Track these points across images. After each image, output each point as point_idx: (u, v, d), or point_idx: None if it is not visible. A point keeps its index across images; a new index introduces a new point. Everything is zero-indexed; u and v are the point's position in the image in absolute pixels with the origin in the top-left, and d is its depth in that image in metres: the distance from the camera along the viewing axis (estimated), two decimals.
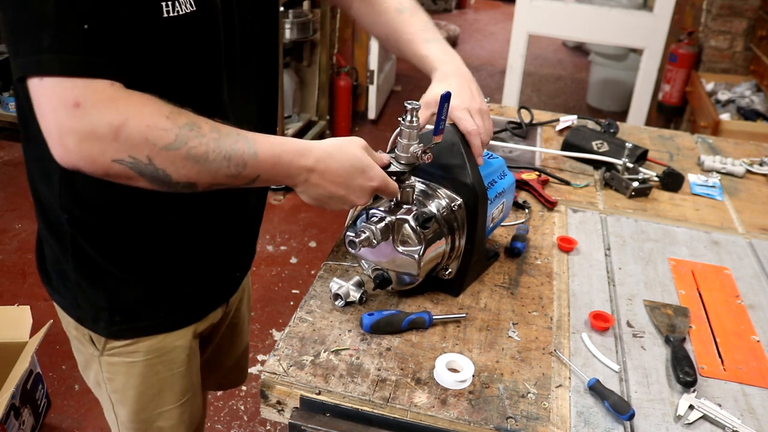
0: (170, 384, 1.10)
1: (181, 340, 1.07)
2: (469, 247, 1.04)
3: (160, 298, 1.03)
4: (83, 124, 0.72)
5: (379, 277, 1.02)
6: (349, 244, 0.95)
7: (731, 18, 3.57)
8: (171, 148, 0.76)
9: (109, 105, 0.73)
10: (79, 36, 0.72)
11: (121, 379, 1.07)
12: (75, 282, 0.99)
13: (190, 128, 0.77)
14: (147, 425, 1.12)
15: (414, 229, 0.96)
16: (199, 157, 0.78)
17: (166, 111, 0.77)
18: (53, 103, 0.72)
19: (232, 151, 0.80)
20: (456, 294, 1.09)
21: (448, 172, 1.03)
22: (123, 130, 0.73)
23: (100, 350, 1.04)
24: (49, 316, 2.36)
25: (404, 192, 0.97)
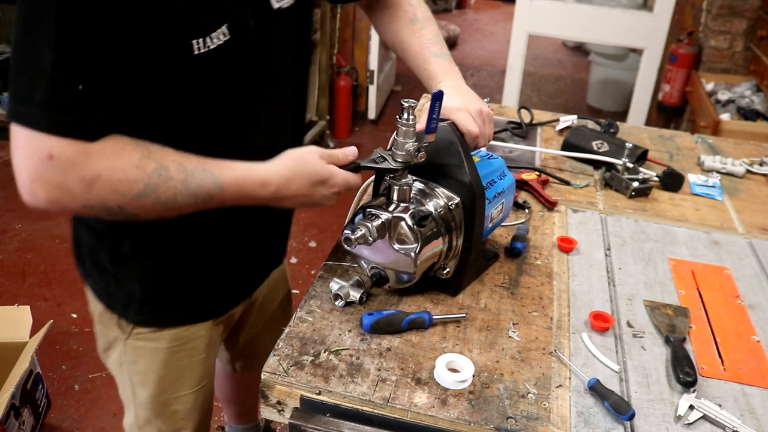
0: (190, 370, 1.16)
1: (203, 330, 1.14)
2: (467, 246, 1.04)
3: (188, 292, 1.09)
4: (55, 176, 0.76)
5: (376, 276, 1.02)
6: (345, 241, 0.95)
7: (731, 18, 3.56)
8: (141, 197, 0.80)
9: (83, 160, 0.76)
10: (70, 96, 0.74)
11: (145, 362, 1.12)
12: (110, 272, 1.04)
13: (158, 174, 0.80)
14: (164, 407, 1.18)
15: (410, 227, 0.96)
16: (168, 201, 0.82)
17: (135, 160, 0.79)
18: (28, 150, 0.75)
19: (198, 189, 0.84)
20: (454, 293, 1.09)
21: (445, 171, 1.03)
22: (95, 185, 0.77)
23: (126, 334, 1.10)
24: (49, 316, 2.37)
25: (401, 190, 0.97)
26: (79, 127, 0.75)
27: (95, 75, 0.74)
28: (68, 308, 2.52)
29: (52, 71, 0.72)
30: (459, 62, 1.19)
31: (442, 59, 1.15)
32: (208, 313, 1.14)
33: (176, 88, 0.85)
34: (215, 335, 1.19)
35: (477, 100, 1.09)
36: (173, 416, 1.19)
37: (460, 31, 6.77)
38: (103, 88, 0.76)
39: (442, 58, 1.15)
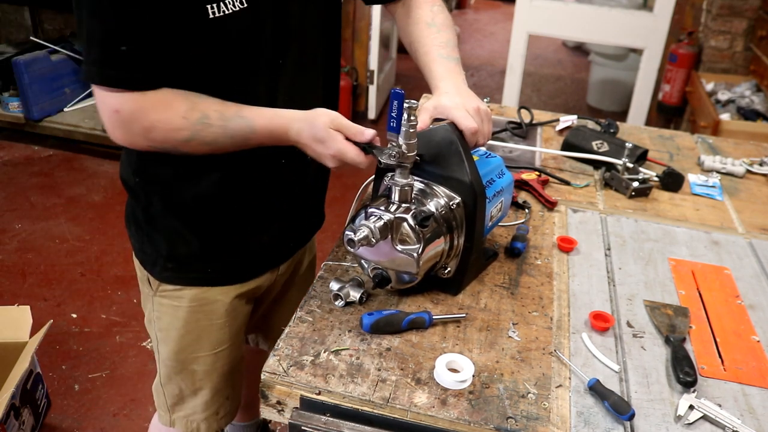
0: (208, 333, 1.22)
1: (223, 296, 1.20)
2: (468, 245, 1.04)
3: (210, 254, 1.17)
4: (122, 126, 0.96)
5: (378, 276, 1.02)
6: (348, 242, 0.95)
7: (731, 18, 3.56)
8: (188, 141, 0.97)
9: (140, 114, 0.94)
10: (116, 56, 0.90)
11: (167, 319, 1.21)
12: (144, 229, 1.17)
13: (201, 123, 0.96)
14: (183, 365, 1.25)
15: (413, 227, 0.96)
16: (211, 142, 0.98)
17: (182, 111, 0.95)
18: (102, 106, 0.94)
19: (235, 132, 0.98)
20: (455, 293, 1.09)
21: (446, 170, 1.03)
22: (152, 132, 0.96)
23: (153, 291, 1.21)
24: (49, 316, 2.37)
25: (402, 190, 0.97)
26: (127, 80, 0.91)
27: (132, 37, 0.89)
28: (68, 308, 2.52)
29: (101, 36, 0.89)
30: None
31: (448, 61, 1.16)
32: (227, 278, 1.20)
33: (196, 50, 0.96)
34: (239, 305, 1.24)
35: (475, 99, 1.09)
36: (192, 375, 1.25)
37: (460, 31, 6.77)
38: (140, 48, 0.91)
39: (449, 60, 1.17)
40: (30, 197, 3.22)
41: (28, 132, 3.75)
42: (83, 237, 2.97)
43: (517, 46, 3.90)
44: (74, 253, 2.85)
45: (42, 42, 3.74)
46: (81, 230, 3.02)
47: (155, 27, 0.90)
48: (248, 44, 1.00)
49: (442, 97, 1.08)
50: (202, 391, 1.28)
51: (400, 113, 0.92)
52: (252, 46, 1.01)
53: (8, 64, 3.49)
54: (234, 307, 1.23)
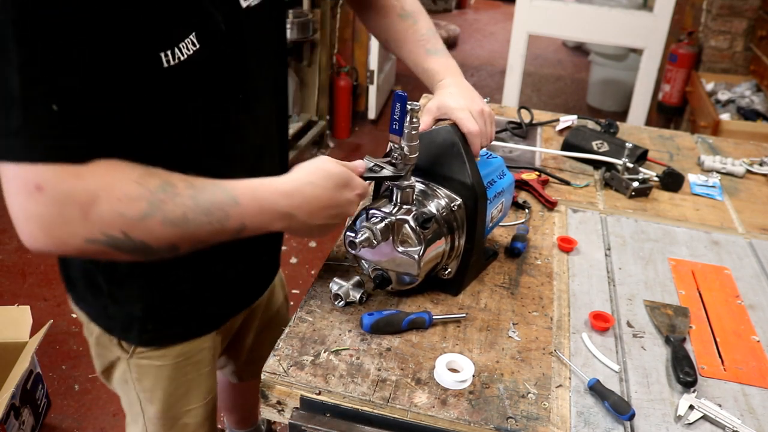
0: (197, 384, 1.14)
1: (208, 342, 1.12)
2: (469, 246, 1.04)
3: (190, 307, 1.06)
4: (47, 208, 0.68)
5: (379, 277, 1.02)
6: (350, 244, 0.95)
7: (731, 18, 3.57)
8: (146, 217, 0.71)
9: (75, 182, 0.68)
10: (46, 118, 0.66)
11: (151, 380, 1.09)
12: (107, 292, 0.99)
13: (163, 190, 0.72)
14: (174, 422, 1.16)
15: (414, 229, 0.96)
16: (178, 220, 0.73)
17: (134, 176, 0.72)
18: (14, 188, 0.68)
19: (211, 205, 0.75)
20: (456, 293, 1.09)
21: (447, 171, 1.03)
22: (93, 208, 0.69)
23: (129, 354, 1.06)
24: (49, 316, 2.37)
25: (404, 192, 0.97)
26: (62, 149, 0.68)
27: (67, 93, 0.67)
28: (68, 308, 2.51)
29: (22, 95, 0.65)
30: (459, 62, 1.18)
31: (439, 56, 1.13)
32: (211, 325, 1.12)
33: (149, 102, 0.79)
34: (219, 344, 1.18)
35: (478, 100, 1.09)
36: (184, 429, 1.18)
37: (460, 31, 6.77)
38: (78, 106, 0.69)
39: (439, 54, 1.13)
40: None
41: None
42: None
43: (517, 46, 3.90)
44: None
45: None
46: None
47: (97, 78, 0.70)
48: (207, 87, 0.85)
49: (446, 98, 1.06)
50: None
51: (403, 115, 0.92)
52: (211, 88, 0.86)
53: None
54: (216, 350, 1.17)
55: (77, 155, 0.69)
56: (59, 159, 0.68)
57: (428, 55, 1.13)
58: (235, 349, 1.35)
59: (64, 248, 0.72)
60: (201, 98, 0.85)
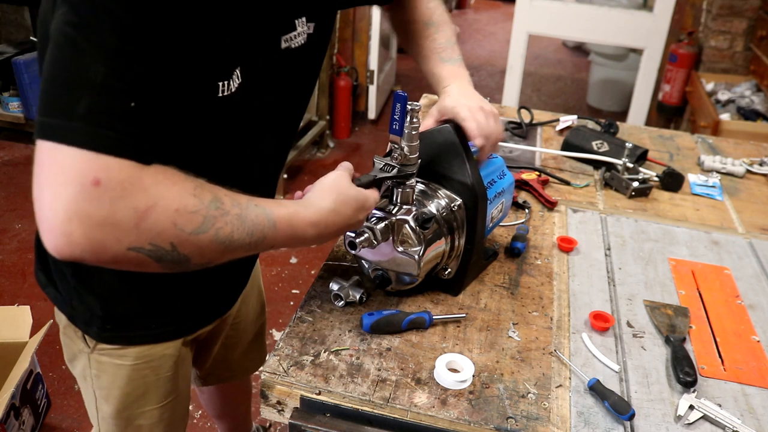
0: (155, 387, 1.11)
1: (170, 349, 1.09)
2: (469, 247, 1.04)
3: (152, 312, 1.04)
4: (100, 207, 0.61)
5: (379, 277, 1.02)
6: (349, 244, 0.95)
7: (731, 18, 3.56)
8: (199, 233, 0.69)
9: (136, 185, 0.63)
10: (120, 111, 0.63)
11: (108, 378, 1.08)
12: (72, 285, 0.99)
13: (215, 207, 0.70)
14: (127, 422, 1.14)
15: (414, 229, 0.96)
16: (225, 238, 0.72)
17: (191, 187, 0.69)
18: (66, 176, 0.60)
19: (254, 227, 0.75)
20: (456, 293, 1.09)
21: (447, 172, 1.03)
22: (149, 216, 0.64)
23: (90, 349, 1.05)
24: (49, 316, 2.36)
25: (404, 192, 0.97)
26: (132, 146, 0.64)
27: (146, 95, 0.65)
28: None
29: (103, 82, 0.62)
30: None
31: (451, 64, 1.15)
32: (173, 333, 1.09)
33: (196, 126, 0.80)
34: (185, 353, 1.15)
35: (478, 99, 1.09)
36: (138, 429, 1.16)
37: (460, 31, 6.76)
38: (151, 110, 0.67)
39: (451, 62, 1.15)
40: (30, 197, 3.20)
41: (28, 132, 3.75)
42: None
43: (517, 46, 3.90)
44: None
45: None
46: None
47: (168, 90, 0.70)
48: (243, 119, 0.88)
49: (446, 100, 1.08)
50: None
51: (403, 116, 0.92)
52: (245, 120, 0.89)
53: (8, 64, 3.50)
54: (182, 358, 1.13)
55: (144, 155, 0.65)
56: (126, 153, 0.63)
57: (441, 62, 1.15)
58: (201, 355, 1.32)
59: (101, 256, 0.65)
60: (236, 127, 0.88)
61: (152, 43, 0.66)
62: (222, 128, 0.85)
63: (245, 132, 0.92)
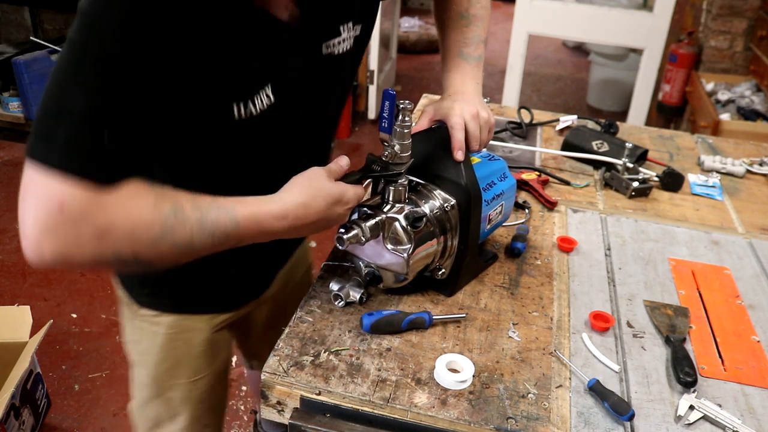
0: (186, 361, 1.17)
1: (201, 324, 1.15)
2: (463, 247, 1.04)
3: (184, 283, 1.10)
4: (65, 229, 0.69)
5: (370, 275, 1.02)
6: (337, 240, 0.95)
7: (731, 18, 3.56)
8: (158, 242, 0.74)
9: (97, 206, 0.70)
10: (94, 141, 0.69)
11: (145, 343, 1.16)
12: None
13: (174, 215, 0.75)
14: (160, 391, 1.20)
15: (404, 228, 0.96)
16: (184, 243, 0.77)
17: (151, 202, 0.74)
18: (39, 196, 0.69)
19: (215, 228, 0.79)
20: (449, 294, 1.09)
21: (441, 172, 1.03)
22: (108, 235, 0.71)
23: (133, 313, 1.14)
24: (49, 316, 2.37)
25: (396, 191, 0.97)
26: (97, 173, 0.70)
27: (125, 126, 0.71)
28: (68, 308, 2.52)
29: (82, 113, 0.68)
30: None
31: (467, 62, 1.14)
32: (204, 308, 1.15)
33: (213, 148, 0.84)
34: (220, 335, 1.19)
35: (476, 104, 1.08)
36: (169, 402, 1.21)
37: None
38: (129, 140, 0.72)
39: (467, 60, 1.15)
40: None
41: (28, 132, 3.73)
42: None
43: (517, 46, 3.90)
44: None
45: (42, 42, 3.74)
46: None
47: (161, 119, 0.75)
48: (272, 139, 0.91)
49: (444, 101, 1.08)
50: (179, 418, 1.23)
51: (392, 114, 0.93)
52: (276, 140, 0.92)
53: (8, 64, 3.50)
54: (215, 337, 1.18)
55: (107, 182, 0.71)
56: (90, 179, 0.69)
57: (458, 58, 1.15)
58: (244, 338, 1.38)
59: (69, 266, 0.72)
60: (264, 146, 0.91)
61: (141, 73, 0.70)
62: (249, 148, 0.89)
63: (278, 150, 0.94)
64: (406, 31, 5.98)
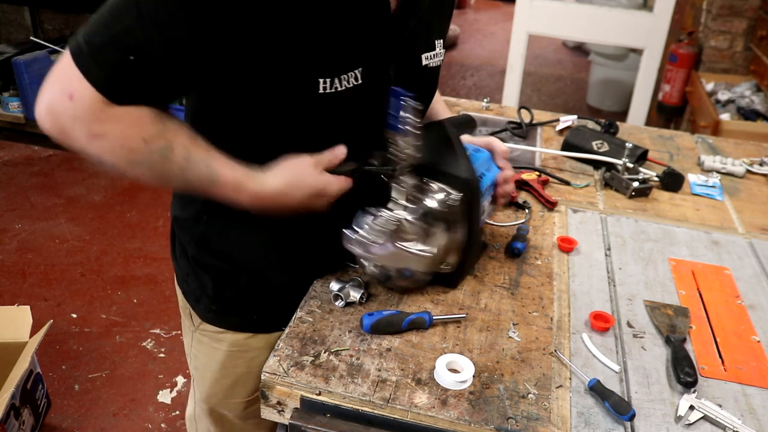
0: (244, 380, 1.15)
1: (264, 343, 1.13)
2: (467, 239, 1.05)
3: (257, 300, 1.10)
4: (65, 117, 0.77)
5: (380, 275, 1.02)
6: (347, 241, 0.95)
7: (731, 18, 3.56)
8: (135, 165, 0.83)
9: (97, 115, 0.77)
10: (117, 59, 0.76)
11: (204, 359, 1.16)
12: (190, 262, 1.10)
13: (160, 154, 0.82)
14: (214, 407, 1.20)
15: (414, 224, 0.96)
16: (160, 177, 0.86)
17: (146, 134, 0.81)
18: (60, 76, 0.77)
19: (194, 179, 0.86)
20: (454, 286, 1.09)
21: (442, 166, 1.03)
22: (96, 141, 0.79)
23: (195, 327, 1.14)
24: (49, 316, 2.37)
25: (402, 188, 0.98)
26: (108, 87, 0.76)
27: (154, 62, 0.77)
28: (68, 308, 2.52)
29: (121, 31, 0.75)
30: (459, 62, 1.22)
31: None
32: (272, 325, 1.12)
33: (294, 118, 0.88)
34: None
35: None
36: (222, 419, 1.21)
37: (460, 31, 6.77)
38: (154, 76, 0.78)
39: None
40: (30, 197, 3.22)
41: (28, 132, 3.75)
42: (83, 237, 2.97)
43: (517, 46, 3.90)
44: (74, 253, 2.85)
45: (42, 42, 3.74)
46: (81, 230, 3.02)
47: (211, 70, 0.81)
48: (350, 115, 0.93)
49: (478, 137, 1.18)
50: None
51: (398, 111, 0.93)
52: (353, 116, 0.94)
53: (8, 64, 3.50)
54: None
55: (115, 98, 0.77)
56: (101, 88, 0.76)
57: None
58: None
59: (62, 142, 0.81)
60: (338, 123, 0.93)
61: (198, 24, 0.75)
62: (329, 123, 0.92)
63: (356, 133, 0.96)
64: None
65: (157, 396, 2.17)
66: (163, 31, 0.75)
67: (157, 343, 2.39)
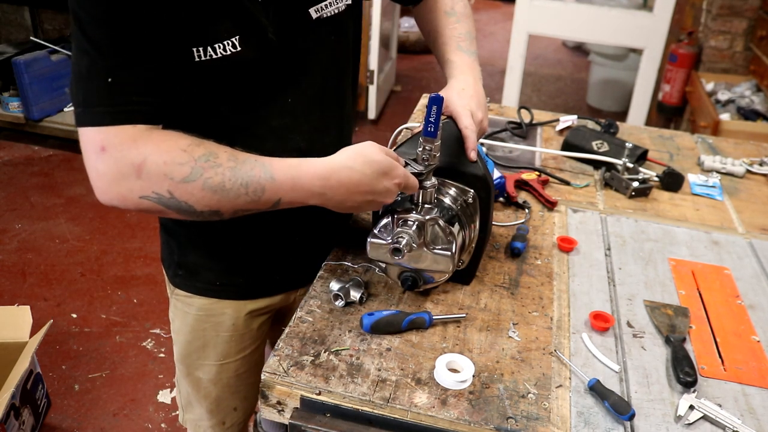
0: (213, 344, 1.21)
1: (230, 310, 1.18)
2: (483, 235, 1.07)
3: (216, 268, 1.15)
4: (109, 166, 0.82)
5: (409, 279, 1.02)
6: (394, 252, 0.96)
7: (731, 18, 3.56)
8: (188, 181, 0.82)
9: (131, 146, 0.82)
10: (102, 90, 0.81)
11: (178, 322, 1.23)
12: (167, 232, 1.17)
13: (206, 159, 0.83)
14: (190, 369, 1.25)
15: (443, 228, 0.98)
16: (216, 187, 0.83)
17: (183, 144, 0.83)
18: (87, 150, 0.83)
19: (249, 178, 0.84)
20: (468, 282, 1.11)
21: (456, 166, 1.05)
22: (143, 168, 0.81)
23: (171, 292, 1.22)
24: (49, 316, 2.37)
25: (427, 192, 0.98)
26: (116, 115, 0.81)
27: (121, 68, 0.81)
28: (68, 308, 2.52)
29: (87, 72, 0.81)
30: None
31: (468, 55, 1.16)
32: (235, 293, 1.18)
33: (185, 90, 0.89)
34: (249, 321, 1.20)
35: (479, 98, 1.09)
36: (198, 381, 1.25)
37: None
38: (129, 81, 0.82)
39: (467, 54, 1.16)
40: (30, 197, 3.22)
41: (28, 132, 3.75)
42: (83, 237, 2.97)
43: (517, 46, 3.90)
44: (74, 253, 2.85)
45: (42, 42, 3.74)
46: (81, 230, 3.02)
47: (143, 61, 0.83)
48: (245, 85, 0.94)
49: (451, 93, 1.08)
50: (207, 399, 1.27)
51: (438, 118, 0.93)
52: (251, 87, 0.94)
53: (8, 64, 3.50)
54: (244, 323, 1.20)
55: (130, 117, 0.82)
56: (115, 122, 0.81)
57: (456, 50, 1.16)
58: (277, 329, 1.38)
59: (125, 203, 0.84)
60: (237, 97, 0.94)
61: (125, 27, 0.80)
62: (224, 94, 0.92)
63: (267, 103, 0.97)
64: (406, 31, 5.98)
65: (157, 396, 2.17)
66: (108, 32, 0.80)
67: (157, 343, 2.39)
